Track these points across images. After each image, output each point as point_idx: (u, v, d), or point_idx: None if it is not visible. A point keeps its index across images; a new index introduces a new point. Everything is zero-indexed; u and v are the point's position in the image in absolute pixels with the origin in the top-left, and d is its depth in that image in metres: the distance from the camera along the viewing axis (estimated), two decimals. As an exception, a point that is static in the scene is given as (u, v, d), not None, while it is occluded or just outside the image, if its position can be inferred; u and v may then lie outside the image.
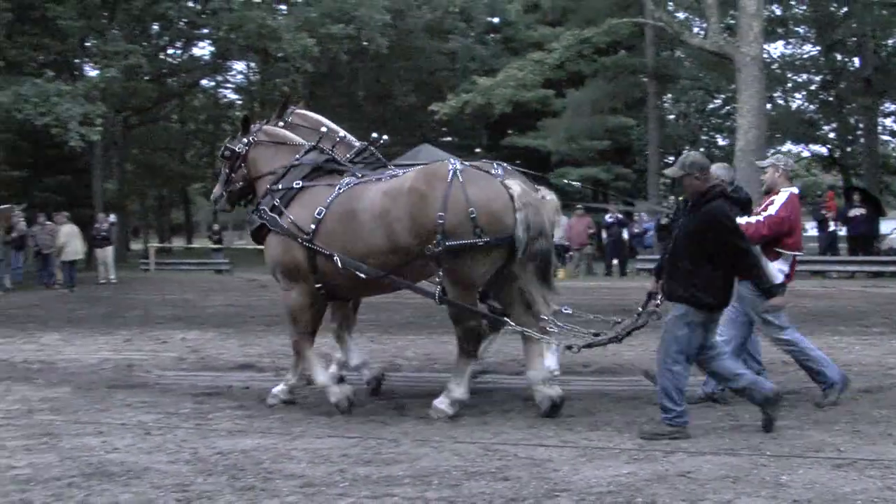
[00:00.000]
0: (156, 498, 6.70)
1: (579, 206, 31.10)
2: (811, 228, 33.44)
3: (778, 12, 43.29)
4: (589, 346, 9.18)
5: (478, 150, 52.42)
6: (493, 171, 9.31)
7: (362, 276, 9.24)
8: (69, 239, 27.61)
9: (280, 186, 9.97)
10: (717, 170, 9.18)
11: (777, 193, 9.29)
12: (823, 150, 48.77)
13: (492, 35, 51.86)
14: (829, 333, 14.89)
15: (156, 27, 42.78)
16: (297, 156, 10.19)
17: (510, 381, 11.20)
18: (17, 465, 7.65)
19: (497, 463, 7.43)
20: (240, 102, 60.48)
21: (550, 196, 10.28)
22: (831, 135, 46.59)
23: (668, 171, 8.78)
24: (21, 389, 11.13)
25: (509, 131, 46.36)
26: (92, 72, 38.71)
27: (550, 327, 9.19)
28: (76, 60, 38.77)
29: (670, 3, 41.05)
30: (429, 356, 13.27)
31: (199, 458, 7.75)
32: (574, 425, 8.69)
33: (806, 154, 51.07)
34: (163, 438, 8.45)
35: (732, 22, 34.93)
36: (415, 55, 49.72)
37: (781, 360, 10.76)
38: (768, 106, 38.27)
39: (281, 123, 11.02)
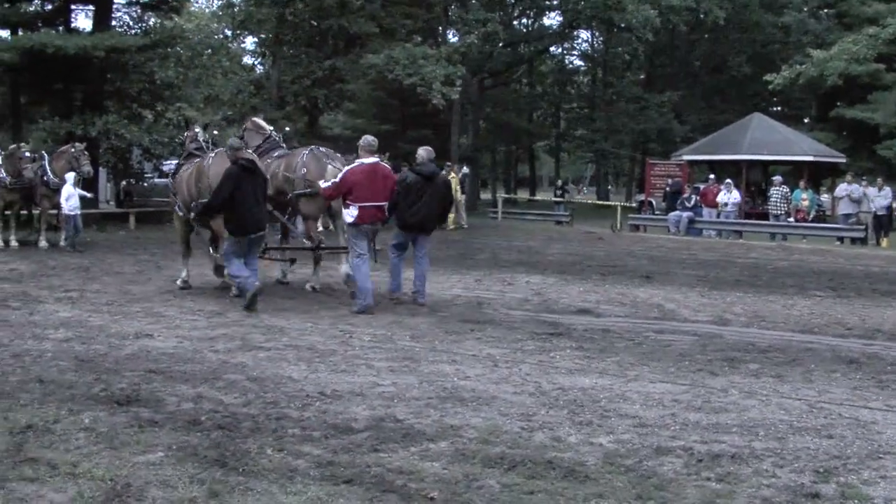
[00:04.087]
0: (502, 424, 6.82)
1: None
2: None
3: None
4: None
5: (806, 120, 50.25)
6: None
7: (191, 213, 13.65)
8: None
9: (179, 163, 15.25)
10: (421, 150, 12.97)
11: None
12: None
13: (825, 10, 49.26)
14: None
15: (510, -1, 43.43)
16: (189, 145, 15.11)
17: (835, 343, 10.62)
18: (382, 383, 8.00)
19: (822, 420, 7.12)
20: (584, 69, 60.54)
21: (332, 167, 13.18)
22: None
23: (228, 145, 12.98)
24: (385, 317, 11.62)
25: (838, 103, 43.97)
26: (453, 38, 39.72)
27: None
28: (440, 28, 39.84)
29: None
30: (756, 313, 12.80)
31: (542, 391, 7.82)
32: (897, 390, 8.21)
33: None
34: (509, 371, 8.59)
35: None
36: (750, 27, 48.04)
37: None
38: None
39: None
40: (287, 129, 19.02)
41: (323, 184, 12.53)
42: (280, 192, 13.92)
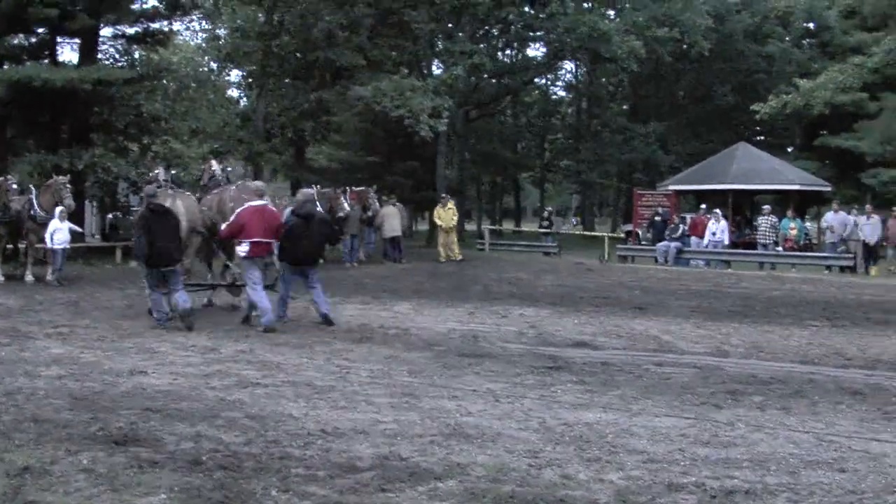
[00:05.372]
0: (510, 461, 6.71)
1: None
2: None
3: None
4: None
5: (790, 148, 50.48)
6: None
7: None
8: (387, 218, 28.22)
9: None
10: (299, 194, 15.30)
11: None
12: None
13: (808, 40, 49.68)
14: None
15: (495, 31, 43.42)
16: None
17: (836, 374, 10.54)
18: (384, 420, 7.88)
19: (833, 454, 7.04)
20: (567, 99, 60.74)
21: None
22: None
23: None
24: (381, 352, 11.50)
25: (822, 132, 44.21)
26: (438, 70, 39.78)
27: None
28: (426, 60, 39.91)
29: None
30: (754, 344, 12.72)
31: (547, 427, 7.71)
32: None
33: None
34: (511, 406, 8.47)
35: None
36: (734, 57, 48.27)
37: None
38: None
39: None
40: (229, 168, 21.54)
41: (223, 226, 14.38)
42: (214, 223, 15.97)
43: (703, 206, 31.65)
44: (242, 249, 13.55)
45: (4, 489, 5.89)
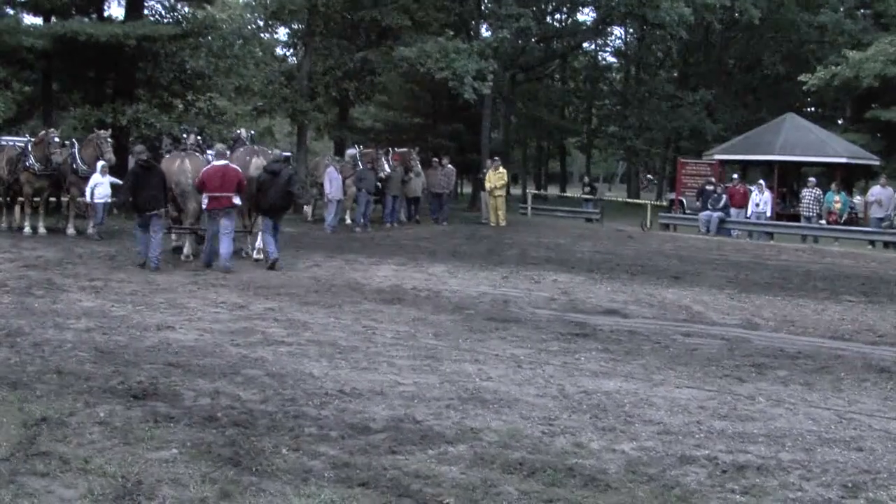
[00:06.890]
0: (524, 427, 6.71)
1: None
2: None
3: None
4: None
5: (840, 121, 49.60)
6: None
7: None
8: (412, 180, 28.04)
9: None
10: (273, 152, 18.39)
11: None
12: None
13: (862, 10, 48.60)
14: None
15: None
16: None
17: (866, 350, 10.41)
18: (403, 382, 7.90)
19: (851, 432, 6.97)
20: (617, 65, 60.20)
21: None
22: None
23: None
24: (410, 313, 11.51)
25: (873, 105, 43.36)
26: (486, 32, 39.46)
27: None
28: (473, 22, 39.61)
29: None
30: (786, 318, 12.58)
31: (565, 394, 7.70)
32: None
33: None
34: (532, 372, 8.46)
35: None
36: (785, 27, 47.38)
37: None
38: None
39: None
40: (252, 132, 23.42)
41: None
42: None
43: (736, 175, 31.14)
44: (203, 203, 15.63)
45: (20, 439, 5.98)
